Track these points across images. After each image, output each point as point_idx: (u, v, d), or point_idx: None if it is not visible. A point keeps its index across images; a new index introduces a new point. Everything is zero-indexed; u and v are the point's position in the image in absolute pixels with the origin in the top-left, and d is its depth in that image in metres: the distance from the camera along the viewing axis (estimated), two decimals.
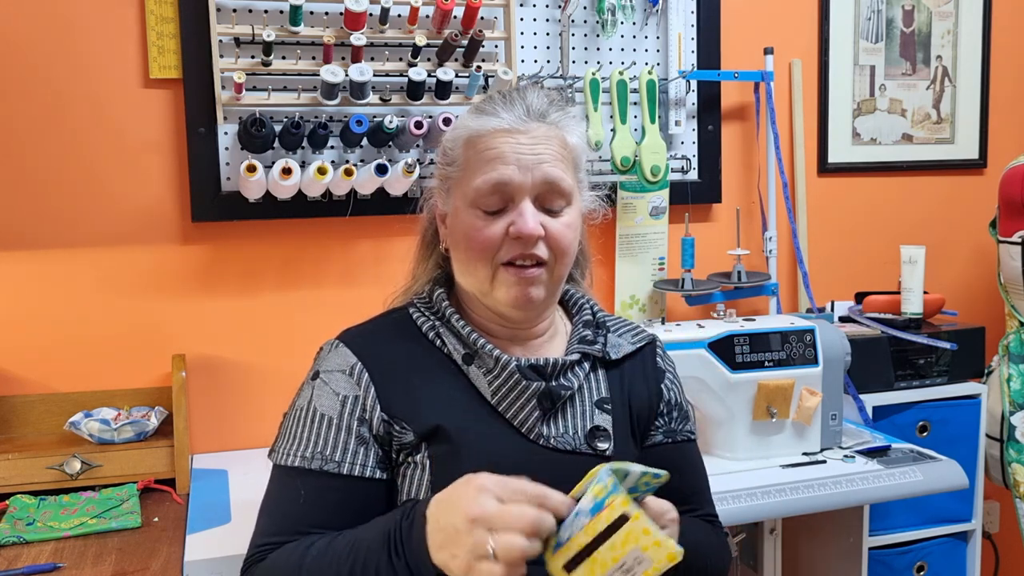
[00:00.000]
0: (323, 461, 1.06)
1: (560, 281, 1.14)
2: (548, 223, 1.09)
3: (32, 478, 1.64)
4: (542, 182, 1.09)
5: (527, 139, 1.09)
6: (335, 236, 1.96)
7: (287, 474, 1.08)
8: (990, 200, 2.31)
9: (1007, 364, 2.10)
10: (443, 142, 1.18)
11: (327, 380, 1.11)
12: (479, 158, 1.10)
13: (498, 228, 1.08)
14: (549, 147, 1.10)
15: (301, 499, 1.05)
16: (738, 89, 2.23)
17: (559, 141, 1.12)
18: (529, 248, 1.08)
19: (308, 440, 1.08)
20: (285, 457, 1.09)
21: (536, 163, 1.08)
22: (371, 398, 1.09)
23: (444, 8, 1.82)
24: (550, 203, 1.10)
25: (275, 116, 1.84)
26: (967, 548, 2.11)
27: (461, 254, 1.13)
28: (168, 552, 1.41)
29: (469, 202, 1.10)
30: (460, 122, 1.16)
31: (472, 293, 1.16)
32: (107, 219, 1.84)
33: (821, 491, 1.65)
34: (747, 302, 2.25)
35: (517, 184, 1.08)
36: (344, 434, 1.08)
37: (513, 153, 1.08)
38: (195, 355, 1.90)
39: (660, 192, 2.11)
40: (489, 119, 1.11)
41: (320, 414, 1.09)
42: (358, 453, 1.07)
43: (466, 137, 1.13)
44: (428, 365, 1.12)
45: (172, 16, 1.82)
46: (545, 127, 1.11)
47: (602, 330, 1.21)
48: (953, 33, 2.43)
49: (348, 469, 1.06)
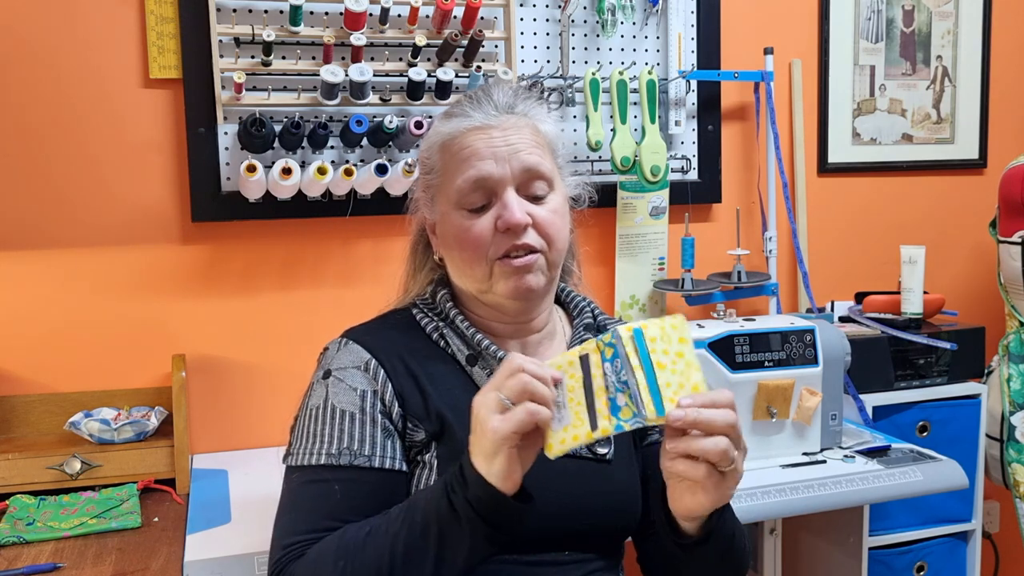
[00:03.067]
0: (352, 456, 1.06)
1: (556, 268, 1.15)
2: (534, 211, 1.10)
3: (32, 478, 1.64)
4: (521, 170, 1.10)
5: (499, 132, 1.11)
6: (335, 236, 1.96)
7: (313, 472, 1.07)
8: (990, 200, 2.31)
9: (1007, 364, 2.10)
10: (419, 153, 1.19)
11: (342, 377, 1.11)
12: (455, 159, 1.11)
13: (486, 224, 1.09)
14: (521, 136, 1.11)
15: (336, 494, 1.04)
16: (738, 89, 2.23)
17: (531, 129, 1.13)
18: (520, 238, 1.08)
19: (331, 437, 1.07)
20: (308, 457, 1.07)
21: (511, 153, 1.10)
22: (389, 393, 1.09)
23: (444, 8, 1.82)
24: (532, 189, 1.11)
25: (275, 116, 1.84)
26: (967, 548, 2.11)
27: (455, 257, 1.13)
28: (168, 552, 1.41)
29: (454, 204, 1.11)
30: (432, 129, 1.17)
31: (471, 294, 1.16)
32: (107, 219, 1.84)
33: (821, 491, 1.65)
34: (747, 302, 2.25)
35: (497, 177, 1.09)
36: (370, 427, 1.07)
37: (487, 148, 1.10)
38: (195, 355, 1.89)
39: (660, 192, 2.11)
40: (459, 120, 1.13)
41: (340, 411, 1.08)
42: (385, 446, 1.07)
43: (440, 142, 1.14)
44: (433, 365, 1.13)
45: (172, 16, 1.82)
46: (515, 118, 1.13)
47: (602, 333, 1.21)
48: (953, 33, 2.43)
49: (379, 463, 1.06)
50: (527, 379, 0.90)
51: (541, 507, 1.05)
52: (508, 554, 1.06)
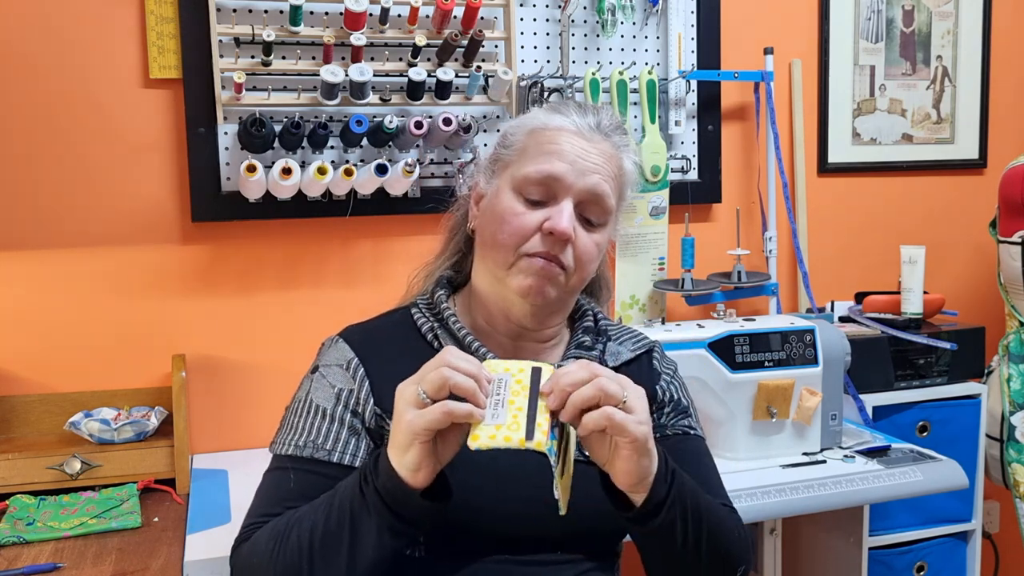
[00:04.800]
0: (314, 449, 1.09)
1: (573, 292, 1.16)
2: (579, 233, 1.11)
3: (32, 478, 1.64)
4: (590, 190, 1.10)
5: (589, 147, 1.12)
6: (335, 236, 1.96)
7: (281, 462, 1.11)
8: (990, 200, 2.30)
9: (1007, 364, 2.10)
10: (505, 128, 1.20)
11: (325, 374, 1.14)
12: (538, 147, 1.12)
13: (533, 219, 1.09)
14: (606, 163, 1.13)
15: (291, 483, 1.07)
16: (738, 89, 2.23)
17: (617, 163, 1.15)
18: (556, 249, 1.09)
19: (303, 430, 1.11)
20: (282, 447, 1.12)
21: (590, 170, 1.11)
22: (365, 391, 1.11)
23: (444, 8, 1.82)
24: (589, 213, 1.12)
25: (275, 116, 1.84)
26: (967, 548, 2.11)
27: (488, 234, 1.13)
28: (168, 552, 1.41)
29: (515, 186, 1.12)
30: (530, 113, 1.18)
31: (484, 285, 1.16)
32: (107, 219, 1.84)
33: (821, 491, 1.65)
34: (747, 302, 2.25)
35: (567, 182, 1.10)
36: (336, 424, 1.10)
37: (572, 153, 1.11)
38: (195, 355, 1.89)
39: (660, 192, 2.11)
40: (560, 117, 1.14)
41: (316, 406, 1.12)
42: (348, 443, 1.09)
43: (532, 126, 1.15)
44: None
45: (172, 16, 1.82)
46: (608, 145, 1.14)
47: (602, 337, 1.22)
48: (953, 33, 2.43)
49: (338, 458, 1.08)
50: (448, 373, 0.91)
51: (531, 509, 1.05)
52: (500, 554, 1.07)
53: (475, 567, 1.06)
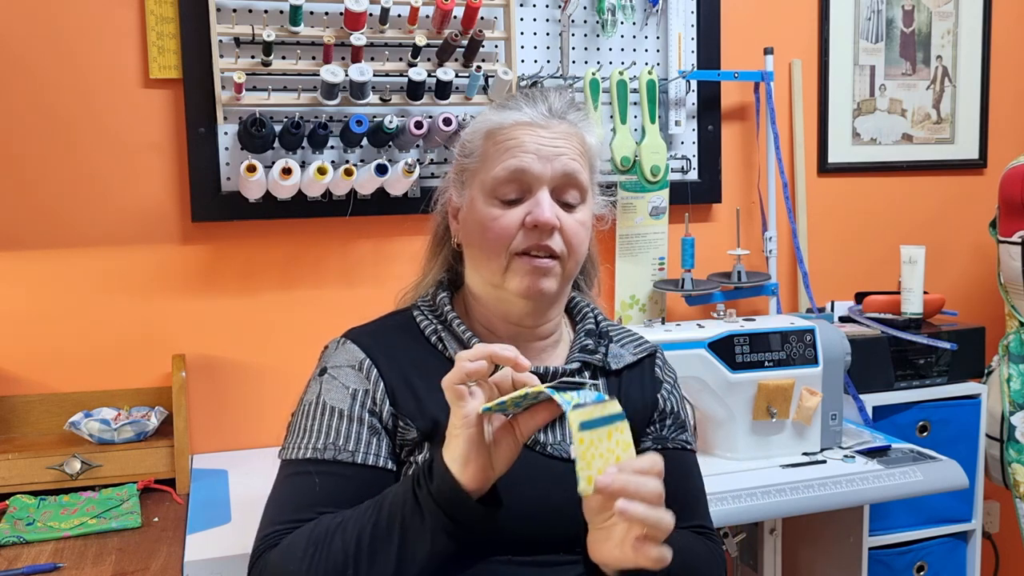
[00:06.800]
0: (336, 451, 1.07)
1: (570, 279, 1.15)
2: (563, 217, 1.11)
3: (32, 478, 1.64)
4: (561, 174, 1.10)
5: (547, 133, 1.12)
6: (335, 236, 1.96)
7: (299, 466, 1.08)
8: (990, 200, 2.31)
9: (1007, 364, 2.10)
10: (462, 136, 1.20)
11: (336, 375, 1.12)
12: (498, 148, 1.12)
13: (514, 217, 1.09)
14: (568, 143, 1.12)
15: (316, 487, 1.05)
16: (738, 89, 2.23)
17: (578, 139, 1.14)
18: (544, 239, 1.09)
19: (319, 432, 1.09)
20: (296, 451, 1.09)
21: (555, 155, 1.10)
22: (380, 392, 1.10)
23: (444, 8, 1.82)
24: (566, 196, 1.12)
25: (275, 116, 1.84)
26: (967, 548, 2.11)
27: (475, 245, 1.13)
28: (168, 552, 1.41)
29: (487, 191, 1.12)
30: (481, 117, 1.18)
31: (481, 291, 1.16)
32: (107, 219, 1.84)
33: (821, 491, 1.65)
34: (747, 302, 2.25)
35: (536, 173, 1.09)
36: (356, 424, 1.08)
37: (533, 144, 1.10)
38: (195, 355, 1.89)
39: (660, 192, 2.11)
40: (511, 113, 1.14)
41: (331, 407, 1.10)
42: (371, 443, 1.08)
43: (487, 129, 1.15)
44: (429, 367, 1.12)
45: (172, 16, 1.82)
46: (566, 125, 1.14)
47: (604, 340, 1.22)
48: (953, 33, 2.43)
49: (362, 459, 1.07)
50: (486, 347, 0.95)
51: (536, 510, 1.05)
52: (501, 554, 1.07)
53: (477, 567, 1.05)
